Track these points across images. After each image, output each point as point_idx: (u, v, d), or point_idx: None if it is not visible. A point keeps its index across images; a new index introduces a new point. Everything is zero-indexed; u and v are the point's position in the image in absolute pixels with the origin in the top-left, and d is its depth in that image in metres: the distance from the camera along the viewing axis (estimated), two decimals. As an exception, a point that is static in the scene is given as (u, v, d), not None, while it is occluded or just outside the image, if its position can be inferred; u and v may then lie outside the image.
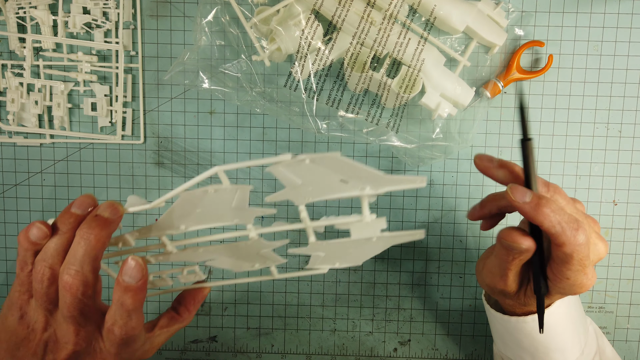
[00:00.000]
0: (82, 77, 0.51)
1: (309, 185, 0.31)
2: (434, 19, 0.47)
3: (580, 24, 0.50)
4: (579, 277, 0.37)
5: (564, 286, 0.38)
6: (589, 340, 0.45)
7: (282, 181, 0.31)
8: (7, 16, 0.49)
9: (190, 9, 0.50)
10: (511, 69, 0.49)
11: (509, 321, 0.43)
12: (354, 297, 0.55)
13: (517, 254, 0.37)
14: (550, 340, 0.42)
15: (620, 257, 0.53)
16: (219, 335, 0.55)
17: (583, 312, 0.46)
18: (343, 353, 0.55)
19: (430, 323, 0.55)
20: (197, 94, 0.52)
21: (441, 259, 0.54)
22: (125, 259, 0.32)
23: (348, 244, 0.35)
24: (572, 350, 0.43)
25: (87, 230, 0.32)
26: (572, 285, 0.37)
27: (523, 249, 0.36)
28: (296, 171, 0.31)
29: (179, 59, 0.47)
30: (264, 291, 0.54)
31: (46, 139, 0.52)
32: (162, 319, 0.40)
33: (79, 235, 0.32)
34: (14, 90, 0.50)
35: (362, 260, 0.37)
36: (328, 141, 0.52)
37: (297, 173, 0.31)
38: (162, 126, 0.52)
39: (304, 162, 0.30)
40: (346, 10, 0.45)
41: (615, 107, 0.51)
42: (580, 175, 0.52)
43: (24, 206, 0.53)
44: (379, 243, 0.35)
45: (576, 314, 0.44)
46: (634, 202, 0.52)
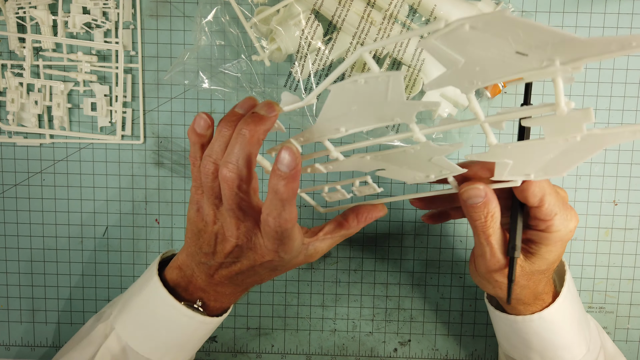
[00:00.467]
0: (81, 77, 0.50)
1: (474, 63, 0.24)
2: (434, 19, 0.47)
3: (581, 24, 0.50)
4: (558, 253, 0.38)
5: (540, 263, 0.38)
6: (592, 335, 0.45)
7: (439, 61, 0.25)
8: (7, 16, 0.49)
9: (190, 8, 0.50)
10: (511, 69, 0.49)
11: (515, 321, 0.42)
12: (354, 297, 0.55)
13: (485, 210, 0.36)
14: (558, 338, 0.42)
15: (620, 257, 0.53)
16: (218, 336, 0.55)
17: (583, 308, 0.46)
18: (343, 353, 0.55)
19: (431, 323, 0.55)
20: (197, 94, 0.52)
21: (441, 259, 0.54)
22: (279, 150, 0.32)
23: (541, 147, 0.28)
24: (579, 347, 0.43)
25: (243, 127, 0.33)
26: (551, 262, 0.39)
27: (482, 195, 0.35)
28: (455, 44, 0.24)
29: (179, 58, 0.47)
30: (263, 291, 0.54)
31: (46, 139, 0.52)
32: (328, 225, 0.40)
33: (237, 132, 0.34)
34: (14, 90, 0.50)
35: (565, 170, 0.30)
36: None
37: (456, 47, 0.24)
38: (162, 126, 0.52)
39: (462, 28, 0.22)
40: (346, 10, 0.45)
41: (616, 107, 0.51)
42: (580, 175, 0.52)
43: (23, 206, 0.53)
44: (586, 144, 0.27)
45: (578, 310, 0.44)
46: (635, 202, 0.52)
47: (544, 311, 0.41)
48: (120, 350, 0.41)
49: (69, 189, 0.53)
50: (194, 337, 0.42)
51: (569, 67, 0.23)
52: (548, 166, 0.30)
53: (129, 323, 0.41)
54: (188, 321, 0.40)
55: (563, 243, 0.38)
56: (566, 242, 0.38)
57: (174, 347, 0.42)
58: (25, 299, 0.54)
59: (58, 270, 0.54)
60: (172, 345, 0.41)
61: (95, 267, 0.54)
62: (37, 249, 0.54)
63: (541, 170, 0.30)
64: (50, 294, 0.54)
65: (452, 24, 0.22)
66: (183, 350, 0.43)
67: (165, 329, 0.41)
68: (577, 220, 0.38)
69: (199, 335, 0.42)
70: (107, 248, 0.54)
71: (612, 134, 0.26)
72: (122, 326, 0.41)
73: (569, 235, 0.37)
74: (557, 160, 0.29)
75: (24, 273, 0.54)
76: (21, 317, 0.55)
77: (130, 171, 0.53)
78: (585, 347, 0.43)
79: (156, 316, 0.41)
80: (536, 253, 0.38)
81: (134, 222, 0.53)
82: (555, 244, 0.37)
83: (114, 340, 0.41)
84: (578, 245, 0.53)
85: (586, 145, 0.27)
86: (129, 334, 0.41)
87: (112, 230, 0.53)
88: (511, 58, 0.23)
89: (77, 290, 0.54)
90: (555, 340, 0.42)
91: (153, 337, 0.41)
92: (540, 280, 0.40)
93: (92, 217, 0.53)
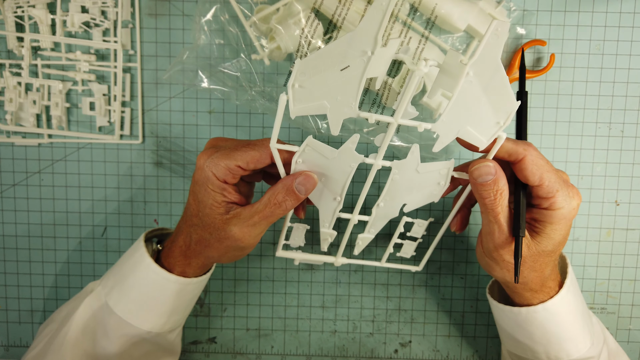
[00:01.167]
0: (80, 76, 0.50)
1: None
2: (435, 17, 0.47)
3: (582, 22, 0.50)
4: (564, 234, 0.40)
5: (547, 244, 0.39)
6: (595, 330, 0.45)
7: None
8: (5, 15, 0.49)
9: (190, 7, 0.50)
10: (513, 68, 0.49)
11: (519, 313, 0.42)
12: (354, 298, 0.54)
13: (495, 188, 0.38)
14: (562, 330, 0.42)
15: (622, 258, 0.53)
16: (218, 337, 0.55)
17: (585, 303, 0.46)
18: (343, 354, 0.55)
19: (432, 324, 0.54)
20: (196, 93, 0.51)
21: (442, 260, 0.54)
22: (303, 172, 0.39)
23: (462, 99, 0.36)
24: (583, 341, 0.43)
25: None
26: (557, 242, 0.39)
27: (492, 172, 0.37)
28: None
29: (178, 58, 0.47)
30: (263, 292, 0.54)
31: (44, 139, 0.52)
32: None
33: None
34: (12, 89, 0.50)
35: (503, 91, 0.36)
36: (328, 141, 0.51)
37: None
38: (161, 126, 0.52)
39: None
40: (346, 9, 0.45)
41: (618, 106, 0.51)
42: (582, 175, 0.52)
43: (22, 206, 0.53)
44: (479, 67, 0.35)
45: (581, 304, 0.44)
46: (636, 203, 0.52)
47: (547, 302, 0.41)
48: (99, 307, 0.44)
49: (67, 189, 0.52)
50: (161, 294, 0.43)
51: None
52: (490, 104, 0.35)
53: (110, 281, 0.44)
54: (155, 277, 0.42)
55: (567, 221, 0.39)
56: (570, 221, 0.39)
57: (144, 305, 0.43)
58: (24, 299, 0.54)
59: (57, 270, 0.54)
60: (142, 302, 0.43)
61: (94, 268, 0.54)
62: (35, 249, 0.53)
63: (490, 112, 0.36)
64: (49, 294, 0.54)
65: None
66: (152, 310, 0.43)
67: (133, 281, 0.43)
68: (580, 198, 0.39)
69: (167, 294, 0.43)
70: (106, 248, 0.53)
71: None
72: (104, 284, 0.44)
73: (572, 212, 0.38)
74: (488, 96, 0.35)
75: (23, 273, 0.54)
76: (20, 317, 0.54)
77: (129, 171, 0.52)
78: (590, 340, 0.43)
79: (128, 271, 0.43)
80: (542, 232, 0.39)
81: (132, 222, 0.53)
82: (560, 222, 0.38)
83: (96, 297, 0.44)
84: (580, 246, 0.53)
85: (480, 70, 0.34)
86: (108, 291, 0.44)
87: (110, 231, 0.53)
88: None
89: (76, 290, 0.54)
90: (559, 332, 0.42)
91: (126, 293, 0.43)
92: (547, 263, 0.40)
93: (91, 217, 0.53)
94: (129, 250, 0.45)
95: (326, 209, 0.42)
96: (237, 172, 0.38)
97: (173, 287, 0.43)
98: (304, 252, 0.48)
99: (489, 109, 0.35)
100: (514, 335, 0.45)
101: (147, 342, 0.44)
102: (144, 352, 0.44)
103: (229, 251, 0.41)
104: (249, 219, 0.39)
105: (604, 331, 0.47)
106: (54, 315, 0.47)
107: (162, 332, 0.45)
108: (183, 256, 0.42)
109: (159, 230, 0.48)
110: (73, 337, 0.42)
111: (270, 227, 0.53)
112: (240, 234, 0.39)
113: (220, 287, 0.54)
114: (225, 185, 0.39)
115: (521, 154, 0.37)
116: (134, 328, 0.43)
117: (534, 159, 0.37)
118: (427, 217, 0.53)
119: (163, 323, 0.44)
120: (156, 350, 0.45)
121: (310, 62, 0.34)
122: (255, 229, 0.40)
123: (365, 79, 0.34)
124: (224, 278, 0.54)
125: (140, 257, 0.43)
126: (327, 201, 0.42)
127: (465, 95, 0.35)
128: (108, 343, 0.43)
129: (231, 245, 0.40)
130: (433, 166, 0.39)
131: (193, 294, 0.45)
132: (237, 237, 0.39)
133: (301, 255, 0.47)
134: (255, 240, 0.41)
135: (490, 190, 0.38)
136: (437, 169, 0.40)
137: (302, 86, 0.34)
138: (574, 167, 0.52)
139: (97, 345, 0.43)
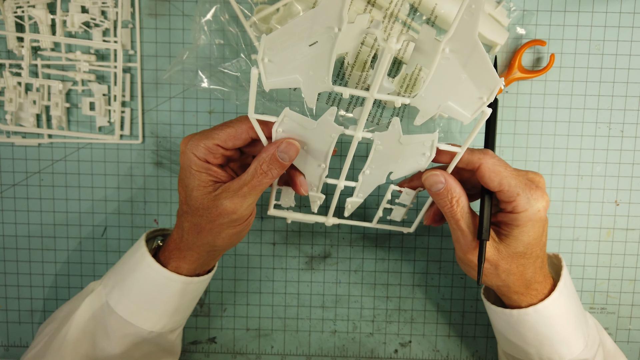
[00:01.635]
0: (80, 76, 0.50)
1: None
2: (435, 17, 0.47)
3: (582, 23, 0.50)
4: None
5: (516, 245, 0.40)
6: (590, 332, 0.45)
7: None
8: (5, 15, 0.49)
9: (190, 7, 0.50)
10: (513, 68, 0.49)
11: (511, 315, 0.43)
12: (354, 299, 0.54)
13: (449, 196, 0.39)
14: (554, 332, 0.42)
15: (622, 258, 0.53)
16: (218, 337, 0.55)
17: (581, 305, 0.46)
18: (343, 354, 0.55)
19: (431, 324, 0.54)
20: (196, 93, 0.51)
21: (442, 260, 0.54)
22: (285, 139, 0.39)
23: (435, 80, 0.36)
24: (576, 343, 0.43)
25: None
26: (527, 244, 0.40)
27: (442, 180, 0.39)
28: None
29: (178, 58, 0.47)
30: (263, 292, 0.54)
31: (44, 139, 0.52)
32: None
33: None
34: (12, 89, 0.50)
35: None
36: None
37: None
38: (161, 126, 0.52)
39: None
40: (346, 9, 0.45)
41: (618, 106, 0.51)
42: (582, 175, 0.52)
43: (22, 206, 0.53)
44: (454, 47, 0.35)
45: (575, 306, 0.44)
46: (636, 203, 0.52)
47: (539, 305, 0.42)
48: (100, 306, 0.44)
49: (67, 189, 0.52)
50: (162, 294, 0.43)
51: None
52: (457, 88, 0.36)
53: (111, 280, 0.44)
54: (155, 276, 0.42)
55: (534, 223, 0.39)
56: (538, 223, 0.39)
57: (145, 305, 0.43)
58: (24, 299, 0.54)
59: (56, 270, 0.54)
60: (143, 301, 0.43)
61: (94, 268, 0.54)
62: (35, 249, 0.53)
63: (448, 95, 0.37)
64: (49, 294, 0.54)
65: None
66: (154, 310, 0.43)
67: (134, 281, 0.43)
68: (547, 200, 0.39)
69: (168, 293, 0.43)
70: (106, 248, 0.53)
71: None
72: (105, 283, 0.44)
73: (537, 214, 0.39)
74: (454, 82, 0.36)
75: (23, 274, 0.54)
76: (20, 317, 0.54)
77: (129, 171, 0.52)
78: (583, 342, 0.43)
79: (129, 270, 0.43)
80: (510, 234, 0.40)
81: (132, 222, 0.53)
82: (526, 224, 0.39)
83: (96, 297, 0.44)
84: (580, 246, 0.53)
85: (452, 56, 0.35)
86: (109, 290, 0.44)
87: (110, 231, 0.53)
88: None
89: (76, 290, 0.54)
90: (551, 334, 0.42)
91: (127, 292, 0.43)
92: (525, 265, 0.41)
93: (91, 218, 0.53)
94: (130, 250, 0.45)
95: (312, 174, 0.43)
96: (216, 150, 0.39)
97: (174, 286, 0.43)
98: (294, 212, 0.48)
99: (470, 85, 0.36)
100: (507, 337, 0.45)
101: (147, 342, 0.44)
102: (144, 352, 0.44)
103: (223, 229, 0.41)
104: (238, 190, 0.39)
105: (601, 333, 0.47)
106: (54, 315, 0.47)
107: (163, 333, 0.45)
108: (177, 249, 0.42)
109: (160, 231, 0.48)
110: (73, 337, 0.42)
111: (270, 227, 0.53)
112: (232, 206, 0.39)
113: (220, 287, 0.54)
114: (209, 165, 0.39)
115: (477, 163, 0.39)
116: (135, 328, 0.43)
117: (490, 166, 0.38)
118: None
119: (164, 323, 0.44)
120: (157, 350, 0.45)
121: (276, 38, 0.34)
122: (245, 200, 0.39)
123: (335, 55, 0.35)
124: (224, 278, 0.54)
125: (142, 257, 0.43)
126: (312, 168, 0.42)
127: (444, 72, 0.35)
128: (108, 343, 0.43)
129: (224, 222, 0.40)
130: (416, 138, 0.40)
131: (195, 293, 0.45)
132: (229, 209, 0.39)
133: (293, 214, 0.48)
134: (247, 211, 0.40)
135: (446, 199, 0.40)
136: (421, 140, 0.40)
137: (271, 61, 0.35)
138: (574, 167, 0.52)
139: (97, 345, 0.43)
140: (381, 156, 0.41)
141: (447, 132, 0.49)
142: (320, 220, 0.48)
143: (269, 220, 0.53)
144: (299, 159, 0.42)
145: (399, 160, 0.41)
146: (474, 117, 0.37)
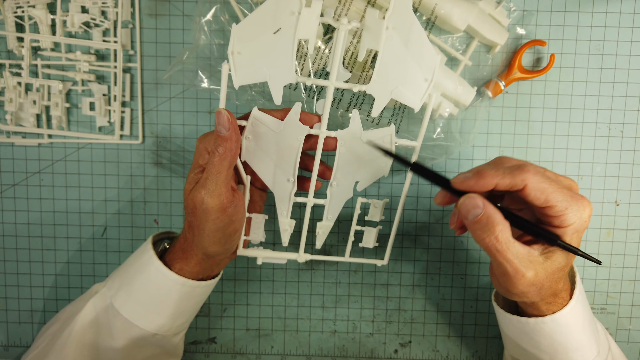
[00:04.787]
0: (80, 76, 0.50)
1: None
2: (435, 17, 0.47)
3: (582, 23, 0.50)
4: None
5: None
6: (601, 337, 0.44)
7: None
8: (6, 15, 0.49)
9: (190, 7, 0.50)
10: (513, 69, 0.49)
11: (527, 323, 0.42)
12: (354, 299, 0.54)
13: (488, 227, 0.36)
14: (570, 340, 0.41)
15: (622, 258, 0.53)
16: (218, 337, 0.55)
17: (591, 311, 0.45)
18: (343, 355, 0.55)
19: (431, 324, 0.54)
20: (196, 93, 0.51)
21: (442, 260, 0.54)
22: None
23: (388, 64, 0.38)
24: (590, 350, 0.42)
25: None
26: (570, 256, 0.38)
27: (480, 205, 0.36)
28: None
29: (178, 58, 0.47)
30: (263, 292, 0.54)
31: (44, 139, 0.52)
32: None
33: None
34: (12, 89, 0.50)
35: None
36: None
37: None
38: (161, 126, 0.52)
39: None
40: (346, 9, 0.45)
41: (617, 106, 0.51)
42: (582, 175, 0.52)
43: (22, 206, 0.53)
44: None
45: (588, 313, 0.43)
46: (636, 203, 0.52)
47: (556, 314, 0.40)
48: (104, 308, 0.44)
49: (67, 189, 0.52)
50: (168, 297, 0.43)
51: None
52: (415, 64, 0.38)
53: (116, 282, 0.44)
54: (163, 279, 0.42)
55: (579, 234, 0.37)
56: (582, 232, 0.37)
57: (151, 307, 0.43)
58: (24, 299, 0.54)
59: (56, 270, 0.54)
60: (149, 303, 0.43)
61: (93, 268, 0.54)
62: (35, 249, 0.53)
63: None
64: (49, 294, 0.54)
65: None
66: (159, 312, 0.43)
67: (140, 283, 0.43)
68: (590, 206, 0.37)
69: (174, 296, 0.43)
70: (106, 248, 0.53)
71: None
72: (109, 285, 0.44)
73: (584, 225, 0.37)
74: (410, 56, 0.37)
75: (23, 274, 0.54)
76: (20, 317, 0.54)
77: (129, 171, 0.52)
78: (596, 349, 0.43)
79: (136, 272, 0.43)
80: (555, 250, 0.37)
81: (132, 222, 0.53)
82: (572, 236, 0.37)
83: (101, 298, 0.44)
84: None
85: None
86: (114, 292, 0.43)
87: (110, 231, 0.53)
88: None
89: (76, 291, 0.54)
90: (566, 342, 0.41)
91: (132, 294, 0.43)
92: (559, 278, 0.39)
93: (91, 218, 0.53)
94: (136, 252, 0.45)
95: (281, 192, 0.43)
96: (225, 188, 0.40)
97: (181, 289, 0.43)
98: (265, 249, 0.46)
99: (414, 66, 0.37)
100: (520, 344, 0.44)
101: (151, 344, 0.44)
102: (147, 354, 0.44)
103: (203, 224, 0.40)
104: (205, 180, 0.39)
105: (608, 337, 0.47)
106: (57, 316, 0.47)
107: (168, 335, 0.45)
108: (181, 250, 0.43)
109: (166, 234, 0.48)
110: (76, 338, 0.42)
111: (270, 227, 0.53)
112: (199, 196, 0.39)
113: (220, 287, 0.54)
114: (229, 192, 0.40)
115: (521, 184, 0.36)
116: (140, 330, 0.43)
117: (535, 185, 0.35)
118: (427, 217, 0.53)
119: (169, 325, 0.44)
120: (160, 353, 0.45)
121: (245, 27, 0.35)
122: (207, 187, 0.39)
123: (297, 40, 0.35)
124: (224, 278, 0.54)
125: (149, 259, 0.43)
126: (281, 183, 0.42)
127: (391, 53, 0.37)
128: (112, 344, 0.43)
129: (207, 217, 0.39)
130: (375, 133, 0.40)
131: (200, 297, 0.45)
132: (205, 200, 0.39)
133: (263, 252, 0.46)
134: (220, 200, 0.39)
135: (485, 228, 0.36)
136: (380, 136, 0.40)
137: (240, 52, 0.35)
138: (574, 167, 0.52)
139: (100, 346, 0.43)
140: (346, 161, 0.42)
141: (447, 132, 0.49)
142: (292, 257, 0.46)
143: (269, 220, 0.53)
144: (268, 176, 0.42)
145: (362, 164, 0.42)
146: (422, 102, 0.38)
